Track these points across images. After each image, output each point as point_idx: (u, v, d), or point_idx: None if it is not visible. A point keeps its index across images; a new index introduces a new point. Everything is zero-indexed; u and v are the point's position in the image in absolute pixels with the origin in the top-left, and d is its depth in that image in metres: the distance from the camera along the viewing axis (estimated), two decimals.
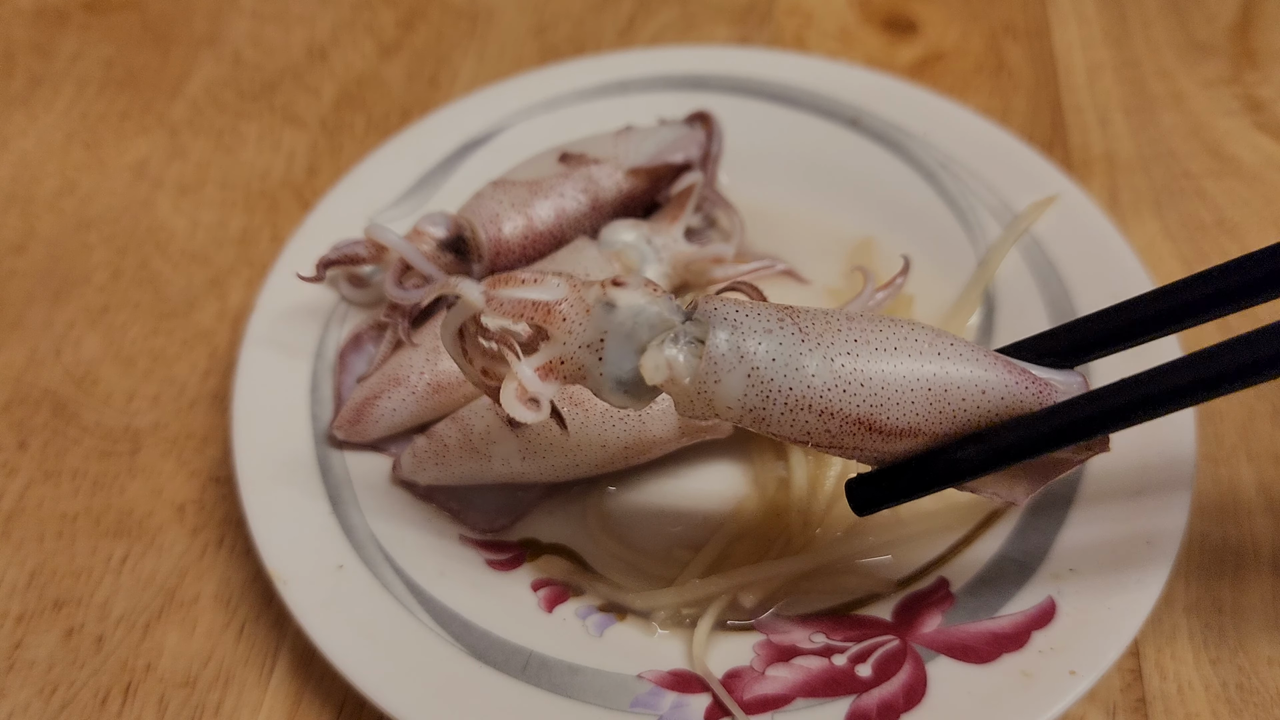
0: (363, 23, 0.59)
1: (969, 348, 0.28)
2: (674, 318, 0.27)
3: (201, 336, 0.45)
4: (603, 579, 0.36)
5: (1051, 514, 0.35)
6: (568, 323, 0.27)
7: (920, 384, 0.27)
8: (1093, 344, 0.29)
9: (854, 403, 0.27)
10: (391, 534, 0.36)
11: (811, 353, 0.27)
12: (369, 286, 0.42)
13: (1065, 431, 0.27)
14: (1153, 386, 0.26)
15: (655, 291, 0.27)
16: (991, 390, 0.28)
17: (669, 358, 0.27)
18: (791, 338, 0.27)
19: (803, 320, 0.28)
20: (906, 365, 0.27)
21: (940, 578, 0.35)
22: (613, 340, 0.27)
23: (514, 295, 0.27)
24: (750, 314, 0.27)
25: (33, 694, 0.35)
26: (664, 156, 0.43)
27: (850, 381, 0.27)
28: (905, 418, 0.28)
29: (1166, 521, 0.33)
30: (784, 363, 0.27)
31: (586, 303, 0.27)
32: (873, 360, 0.27)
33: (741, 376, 0.27)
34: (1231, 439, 0.39)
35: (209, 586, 0.37)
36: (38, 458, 0.41)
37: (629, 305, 0.27)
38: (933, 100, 0.47)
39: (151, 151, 0.52)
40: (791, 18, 0.58)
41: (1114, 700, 0.34)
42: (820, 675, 0.32)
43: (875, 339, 0.28)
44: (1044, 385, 0.28)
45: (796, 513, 0.37)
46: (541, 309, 0.27)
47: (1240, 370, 0.25)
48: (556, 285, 0.27)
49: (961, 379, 0.28)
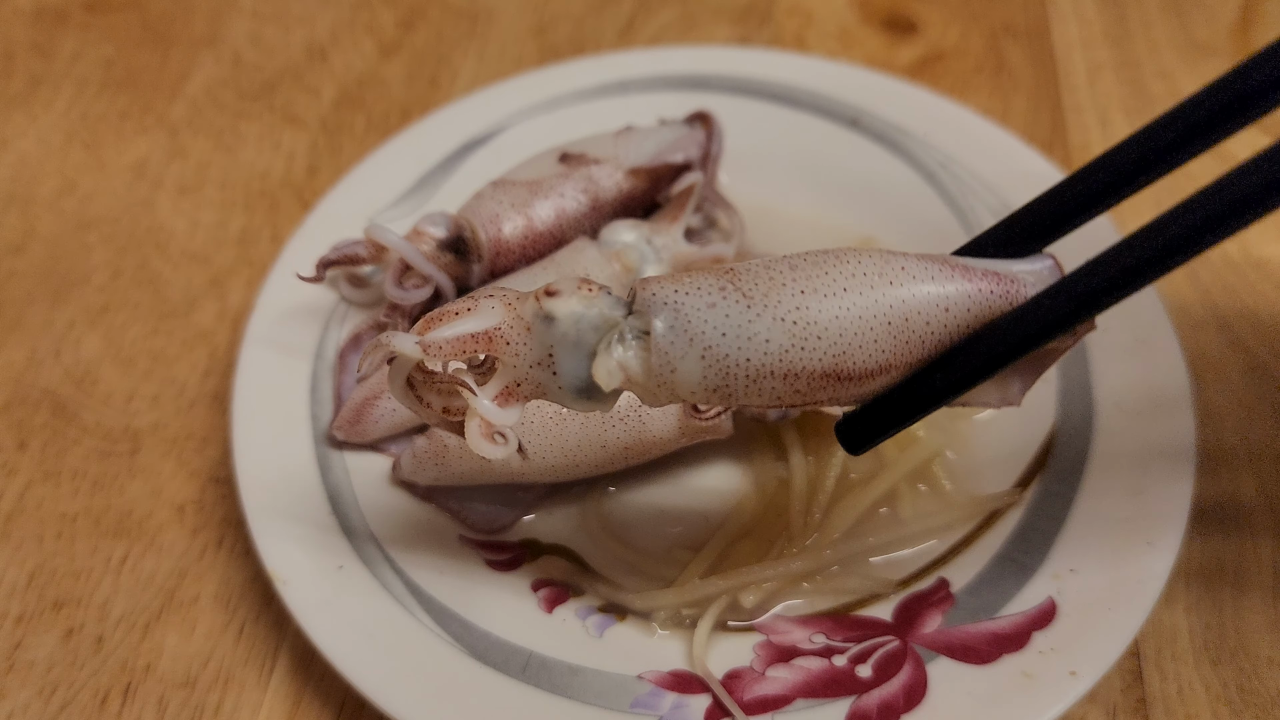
0: (362, 23, 0.59)
1: (922, 265, 0.27)
2: (616, 314, 0.26)
3: (201, 337, 0.45)
4: (603, 579, 0.36)
5: (1052, 514, 0.35)
6: (512, 346, 0.26)
7: (879, 319, 0.26)
8: (1058, 220, 0.27)
9: (816, 357, 0.26)
10: (391, 534, 0.36)
11: (760, 317, 0.25)
12: (369, 286, 0.42)
13: (1042, 329, 0.26)
14: (1122, 259, 0.24)
15: (592, 291, 0.26)
16: (955, 305, 0.26)
17: (619, 360, 0.25)
18: (736, 306, 0.25)
19: (745, 282, 0.26)
20: (860, 303, 0.26)
21: (940, 578, 0.35)
22: (561, 352, 0.26)
23: (450, 334, 0.25)
24: (689, 290, 0.26)
25: (32, 694, 0.35)
26: (664, 156, 0.43)
27: (807, 337, 0.25)
28: (872, 357, 0.26)
29: (1167, 522, 0.33)
30: (735, 335, 0.25)
31: (525, 320, 0.26)
32: (824, 307, 0.26)
33: (695, 360, 0.25)
34: (1231, 439, 0.39)
35: (209, 587, 0.37)
36: (37, 458, 0.41)
37: (568, 314, 0.25)
38: (933, 100, 0.47)
39: (151, 152, 0.52)
40: (791, 18, 0.58)
41: (1114, 701, 0.33)
42: (820, 676, 0.32)
43: (822, 284, 0.26)
44: (1010, 282, 0.27)
45: (797, 513, 0.37)
46: (482, 339, 0.26)
47: (1225, 212, 0.23)
48: (490, 309, 0.26)
49: (920, 302, 0.26)
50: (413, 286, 0.40)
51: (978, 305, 0.26)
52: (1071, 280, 0.25)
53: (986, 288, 0.27)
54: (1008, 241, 0.28)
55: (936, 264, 0.27)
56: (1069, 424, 0.37)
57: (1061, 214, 0.27)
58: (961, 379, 0.27)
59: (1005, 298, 0.27)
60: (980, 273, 0.27)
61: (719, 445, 0.38)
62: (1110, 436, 0.36)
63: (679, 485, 0.38)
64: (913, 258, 0.27)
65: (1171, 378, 0.37)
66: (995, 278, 0.27)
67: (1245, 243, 0.46)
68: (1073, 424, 0.37)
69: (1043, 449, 0.37)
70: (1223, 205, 0.23)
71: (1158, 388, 0.37)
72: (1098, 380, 0.38)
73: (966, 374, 0.27)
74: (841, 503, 0.37)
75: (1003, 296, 0.27)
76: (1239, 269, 0.45)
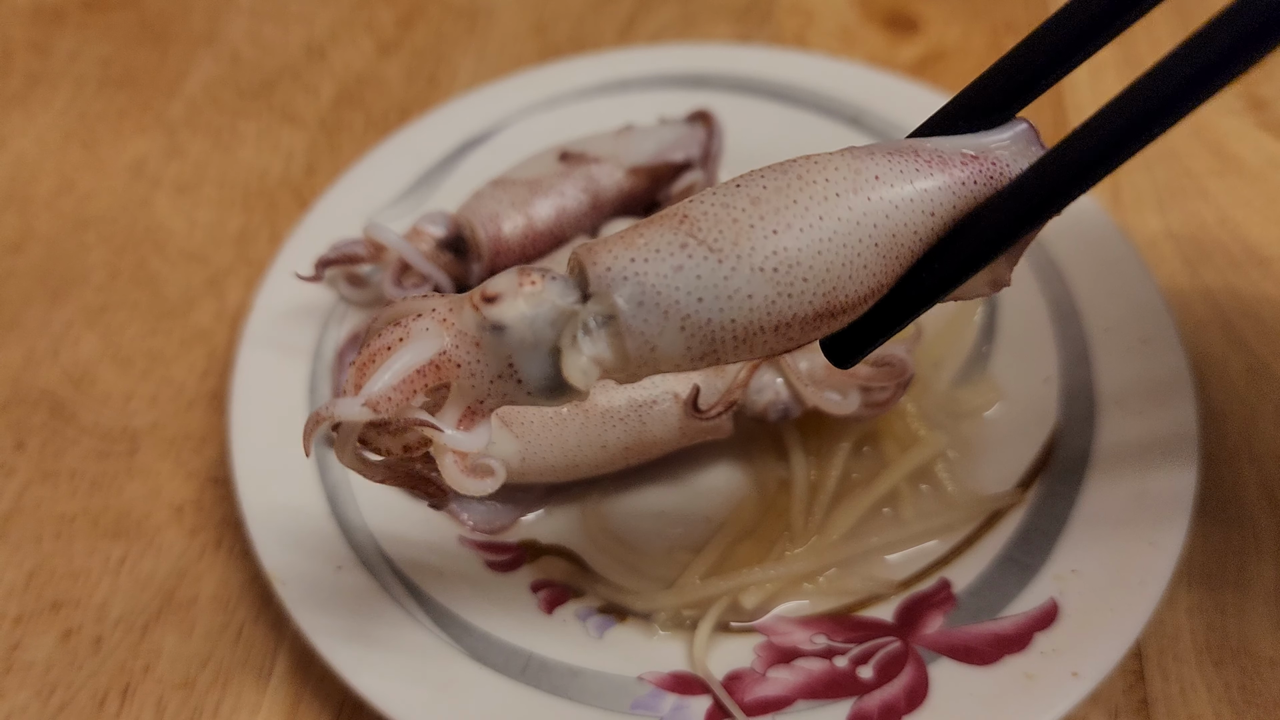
0: (362, 21, 0.59)
1: (895, 166, 0.24)
2: (570, 303, 0.23)
3: (200, 336, 0.44)
4: (603, 580, 0.36)
5: (1054, 515, 0.35)
6: (465, 367, 0.23)
7: (864, 243, 0.23)
8: (1030, 79, 0.24)
9: (805, 300, 0.23)
10: (390, 535, 0.36)
11: (736, 271, 0.23)
12: (368, 286, 0.42)
13: (1035, 209, 0.23)
14: (1120, 114, 0.21)
15: (535, 283, 0.23)
16: (940, 205, 0.24)
17: (591, 356, 0.23)
18: (706, 263, 0.23)
19: (706, 231, 0.23)
20: (840, 230, 0.23)
21: (942, 579, 0.34)
22: (521, 359, 0.23)
23: (393, 379, 0.23)
24: (647, 255, 0.23)
25: (31, 695, 0.35)
26: (665, 155, 0.42)
27: (792, 281, 0.23)
28: (864, 283, 0.24)
29: (1169, 522, 0.33)
30: (713, 297, 0.23)
31: (470, 334, 0.23)
32: (803, 244, 0.23)
33: (675, 332, 0.23)
34: (1234, 439, 0.39)
35: (207, 588, 0.37)
36: (35, 458, 0.41)
37: (517, 318, 0.23)
38: (934, 99, 0.47)
39: (149, 151, 0.52)
40: (792, 16, 0.58)
41: (1116, 702, 0.33)
42: (822, 677, 0.32)
43: (794, 216, 0.23)
44: (990, 163, 0.24)
45: (798, 513, 0.36)
46: (430, 371, 0.23)
47: (1219, 60, 0.21)
48: (425, 332, 0.23)
49: (904, 214, 0.24)
50: (412, 286, 0.40)
51: (961, 198, 0.24)
52: (1064, 148, 0.22)
53: (968, 175, 0.24)
54: (972, 112, 0.25)
55: (909, 158, 0.24)
56: (1071, 424, 0.37)
57: (1030, 72, 0.24)
58: (951, 275, 0.25)
59: (988, 182, 0.24)
60: (958, 159, 0.24)
61: (719, 445, 0.38)
62: (1112, 437, 0.36)
63: (679, 486, 0.38)
64: (881, 157, 0.24)
65: (1174, 378, 0.37)
66: (974, 162, 0.24)
67: (1248, 242, 0.46)
68: (1075, 424, 0.37)
69: (1045, 449, 0.37)
70: (1233, 37, 0.20)
71: (1160, 388, 0.37)
72: (1100, 380, 0.38)
73: (956, 269, 0.24)
74: (843, 503, 0.37)
75: (985, 181, 0.24)
76: (1242, 268, 0.45)
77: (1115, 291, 0.39)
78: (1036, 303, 0.41)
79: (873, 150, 0.25)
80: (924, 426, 0.38)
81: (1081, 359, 0.39)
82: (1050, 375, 0.39)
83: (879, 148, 0.25)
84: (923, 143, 0.25)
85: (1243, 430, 0.40)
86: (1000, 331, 0.41)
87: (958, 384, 0.40)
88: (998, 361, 0.40)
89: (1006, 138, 0.25)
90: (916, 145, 0.25)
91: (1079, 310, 0.40)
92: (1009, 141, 0.25)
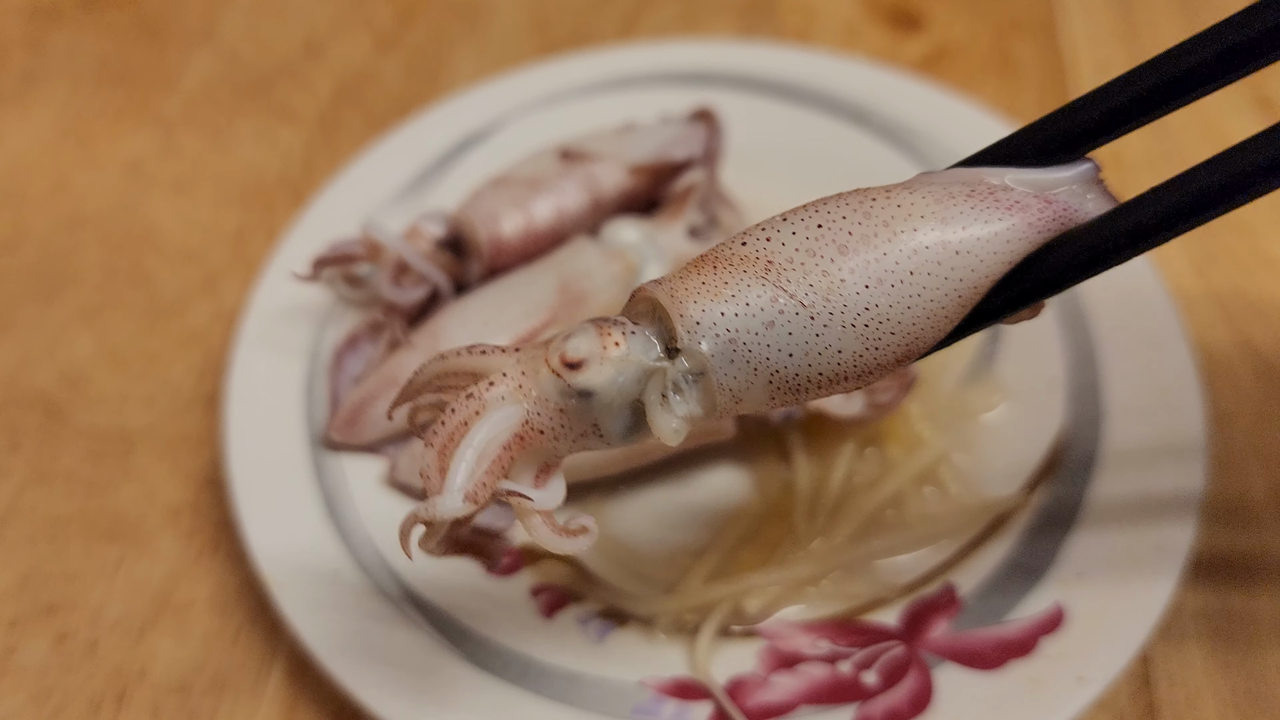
0: (360, 18, 0.58)
1: (977, 209, 0.24)
2: (655, 359, 0.23)
3: (196, 337, 0.44)
4: (603, 584, 0.35)
5: (1060, 518, 0.35)
6: (547, 434, 0.23)
7: (950, 296, 0.24)
8: (1097, 128, 0.25)
9: (889, 351, 0.23)
10: (388, 537, 0.35)
11: (828, 328, 0.23)
12: (365, 286, 0.42)
13: (1093, 264, 0.24)
14: (1188, 187, 0.23)
15: (618, 344, 0.23)
16: (1015, 253, 0.24)
17: (684, 416, 0.23)
18: (798, 319, 0.23)
19: (795, 284, 0.23)
20: (931, 285, 0.23)
21: (947, 583, 0.34)
22: (605, 418, 0.23)
23: (482, 463, 0.22)
24: (739, 311, 0.23)
25: (25, 700, 0.34)
26: (666, 153, 0.42)
27: (880, 335, 0.23)
28: (942, 329, 0.24)
29: (1176, 526, 0.33)
30: (803, 353, 0.23)
31: (552, 401, 0.23)
32: (894, 300, 0.23)
33: (763, 385, 0.23)
34: (1242, 441, 0.39)
35: (203, 591, 0.37)
36: (30, 460, 0.40)
37: (606, 384, 0.23)
38: (939, 97, 0.47)
39: (146, 149, 0.52)
40: (795, 13, 0.58)
41: (1122, 707, 0.33)
42: (825, 682, 0.32)
43: (887, 272, 0.23)
44: (1063, 208, 0.24)
45: (801, 517, 0.36)
46: (515, 445, 0.23)
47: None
48: (501, 401, 0.23)
49: (988, 266, 0.24)
50: (410, 286, 0.40)
51: (1033, 242, 0.24)
52: (1135, 206, 0.23)
53: (1042, 220, 0.24)
54: (1040, 146, 0.25)
55: (989, 203, 0.24)
56: (1077, 426, 0.37)
57: (1108, 117, 0.24)
58: (1002, 309, 0.25)
59: (1057, 225, 0.24)
60: (1035, 204, 0.24)
61: (721, 448, 0.38)
62: (1119, 439, 0.36)
63: (681, 488, 0.38)
64: (964, 202, 0.24)
65: (1181, 379, 0.37)
66: (1049, 207, 0.24)
67: (1256, 242, 0.45)
68: (1081, 426, 0.37)
69: (1050, 451, 0.37)
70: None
71: (1167, 389, 0.37)
72: (1106, 382, 0.38)
73: (1009, 304, 0.25)
74: (846, 506, 0.36)
75: (1055, 224, 0.24)
76: (1249, 269, 0.45)
77: (1122, 293, 0.39)
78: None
79: (952, 190, 0.24)
80: (928, 428, 0.38)
81: (1088, 361, 0.38)
82: (1056, 377, 0.38)
83: (957, 183, 0.25)
84: (999, 179, 0.25)
85: (1251, 432, 0.39)
86: (1005, 332, 0.41)
87: (962, 385, 0.40)
88: (1003, 363, 0.40)
89: (1072, 175, 0.25)
90: (993, 184, 0.25)
91: (1085, 311, 0.39)
92: (1074, 180, 0.25)
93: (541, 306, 0.38)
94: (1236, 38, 0.23)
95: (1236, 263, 0.45)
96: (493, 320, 0.38)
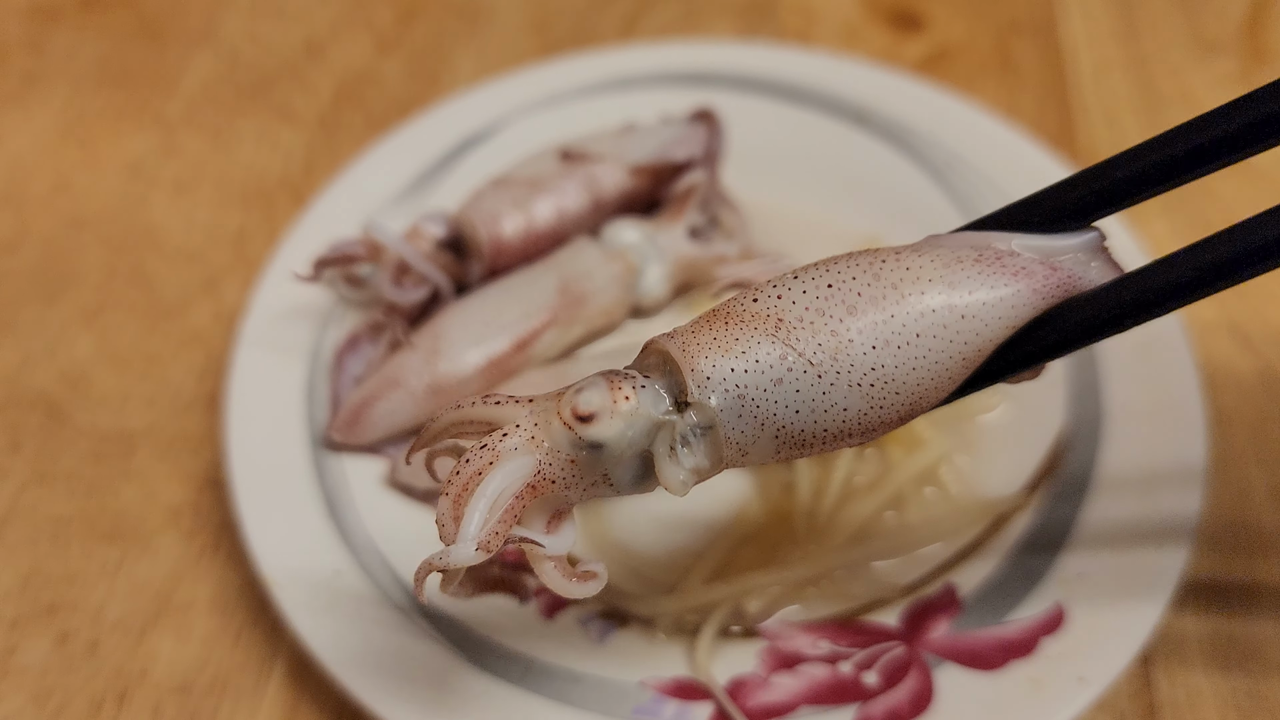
0: (361, 19, 0.58)
1: (984, 275, 0.25)
2: (664, 413, 0.24)
3: (197, 337, 0.44)
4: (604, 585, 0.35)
5: (1060, 518, 0.35)
6: (558, 484, 0.24)
7: (955, 359, 0.24)
8: (1108, 197, 0.25)
9: (893, 410, 0.24)
10: (389, 538, 0.35)
11: (834, 386, 0.24)
12: (366, 286, 0.42)
13: (1095, 331, 0.25)
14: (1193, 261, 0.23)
15: (628, 399, 0.23)
16: (1020, 319, 0.25)
17: (691, 469, 0.24)
18: (805, 378, 0.24)
19: (804, 343, 0.24)
20: (936, 349, 0.24)
21: (947, 583, 0.34)
22: (615, 469, 0.24)
23: (494, 513, 0.23)
24: (748, 367, 0.23)
25: (26, 700, 0.34)
26: (666, 154, 0.42)
27: (885, 395, 0.24)
28: (945, 390, 0.25)
29: (1176, 526, 0.33)
30: (809, 410, 0.24)
31: (563, 452, 0.24)
32: (900, 362, 0.24)
33: (769, 440, 0.24)
34: (1242, 442, 0.39)
35: (204, 591, 0.37)
36: (31, 460, 0.40)
37: (616, 437, 0.23)
38: (939, 97, 0.47)
39: (146, 149, 0.52)
40: (796, 14, 0.58)
41: (1122, 707, 0.33)
42: (826, 683, 0.32)
43: (894, 334, 0.24)
44: (1068, 276, 0.25)
45: (801, 517, 0.36)
46: (527, 494, 0.24)
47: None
48: (513, 451, 0.23)
49: (993, 331, 0.25)
50: (411, 286, 0.40)
51: (1037, 308, 0.25)
52: (1139, 277, 0.24)
53: (1047, 287, 0.25)
54: (1048, 213, 0.26)
55: (996, 269, 0.25)
56: (1078, 427, 0.37)
57: (1115, 190, 0.25)
58: (1004, 370, 0.26)
59: (1061, 291, 0.25)
60: (1041, 271, 0.25)
61: None
62: (1119, 440, 0.36)
63: None
64: (971, 266, 0.25)
65: (1181, 380, 0.37)
66: (1055, 274, 0.25)
67: None
68: (1081, 427, 0.37)
69: (1051, 453, 0.37)
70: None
71: (1167, 390, 0.37)
72: (1107, 383, 0.38)
73: (1009, 366, 0.26)
74: (846, 507, 0.36)
75: (1059, 291, 0.25)
76: None
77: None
78: None
79: (960, 255, 0.25)
80: (929, 429, 0.38)
81: (1088, 362, 0.38)
82: (1056, 377, 0.38)
83: (965, 247, 0.25)
84: (1006, 244, 0.25)
85: (1251, 433, 0.39)
86: None
87: None
88: None
89: (1078, 244, 0.25)
90: (1000, 249, 0.25)
91: None
92: (1080, 248, 0.25)
93: (542, 307, 0.38)
94: (1252, 115, 0.24)
95: None
96: (493, 320, 0.38)
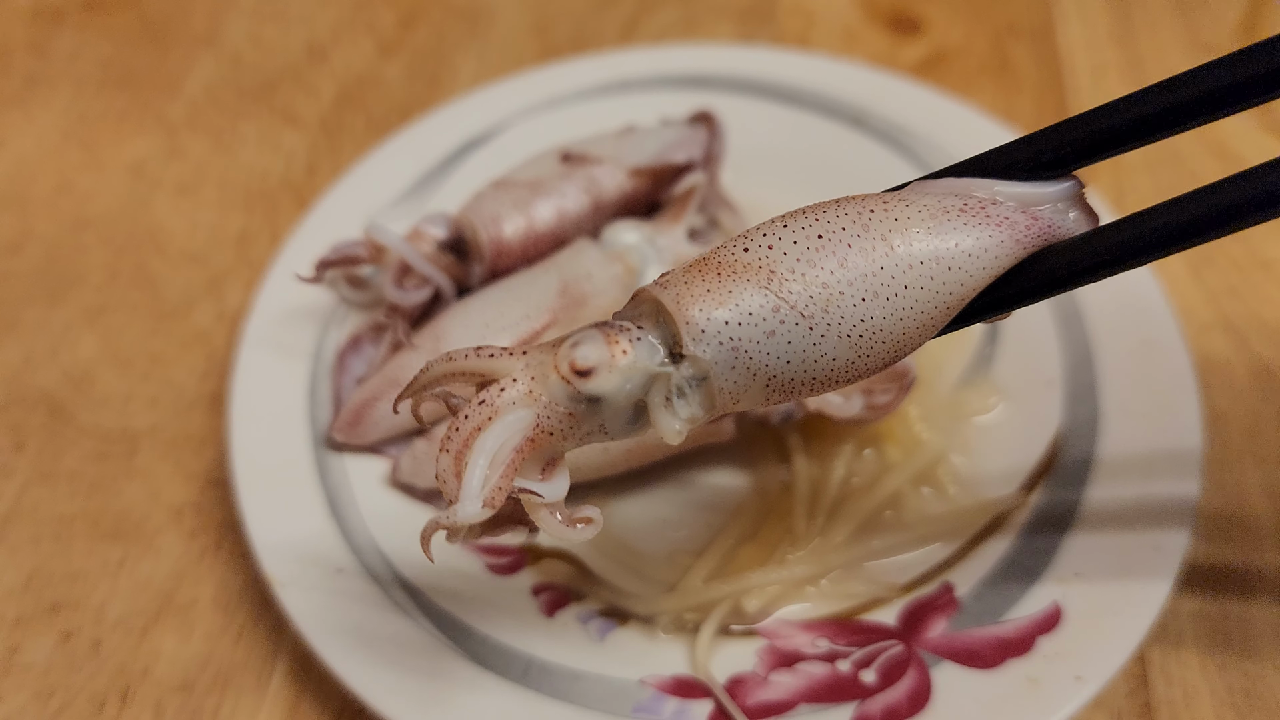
0: (363, 22, 0.58)
1: (970, 224, 0.25)
2: (659, 364, 0.24)
3: (199, 338, 0.44)
4: (604, 583, 0.36)
5: (1057, 518, 0.35)
6: (556, 435, 0.24)
7: (939, 308, 0.25)
8: (1088, 147, 0.26)
9: (879, 358, 0.25)
10: (390, 537, 0.36)
11: (825, 338, 0.24)
12: (368, 288, 0.42)
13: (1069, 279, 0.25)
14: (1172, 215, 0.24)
15: (625, 353, 0.24)
16: (1001, 266, 0.25)
17: (687, 419, 0.24)
18: (797, 329, 0.24)
19: (795, 294, 0.24)
20: (923, 299, 0.25)
21: (945, 582, 0.34)
22: (611, 418, 0.24)
23: (496, 468, 0.23)
24: (741, 319, 0.24)
25: (29, 698, 0.34)
26: (666, 156, 0.42)
27: (872, 345, 0.24)
28: (927, 337, 0.25)
29: (1172, 526, 0.33)
30: (800, 359, 0.24)
31: (561, 406, 0.24)
32: (888, 313, 0.24)
33: (760, 388, 0.24)
34: (1238, 442, 0.39)
35: (207, 590, 0.37)
36: (34, 460, 0.41)
37: (614, 390, 0.24)
38: (937, 100, 0.47)
39: (149, 151, 0.52)
40: (794, 17, 0.58)
41: (1119, 706, 0.33)
42: (824, 681, 0.32)
43: (882, 286, 0.24)
44: (1048, 225, 0.25)
45: (800, 517, 0.36)
46: (527, 448, 0.24)
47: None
48: (511, 404, 0.24)
49: (976, 280, 0.25)
50: (413, 288, 0.40)
51: (1016, 256, 0.26)
52: (1117, 228, 0.25)
53: (1028, 235, 0.25)
54: (1032, 160, 0.26)
55: (981, 218, 0.25)
56: (1074, 427, 0.37)
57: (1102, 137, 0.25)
58: (976, 314, 0.26)
59: (1040, 239, 0.25)
60: (1023, 220, 0.25)
61: (721, 448, 0.38)
62: (1116, 440, 0.36)
63: (681, 488, 0.38)
64: (957, 216, 0.25)
65: (1177, 380, 0.37)
66: (1035, 223, 0.25)
67: (1251, 245, 0.46)
68: (1078, 427, 0.37)
69: (1048, 452, 0.37)
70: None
71: (1163, 390, 0.37)
72: (1103, 383, 0.38)
73: (984, 310, 0.26)
74: (845, 506, 0.36)
75: (1039, 239, 0.25)
76: (1245, 271, 0.45)
77: (1118, 294, 0.39)
78: (1039, 305, 0.40)
79: (946, 204, 0.25)
80: (926, 429, 0.38)
81: (1085, 362, 0.39)
82: (1053, 378, 0.39)
83: (950, 195, 0.26)
84: (989, 191, 0.26)
85: (1246, 433, 0.39)
86: (1003, 334, 0.41)
87: (960, 386, 0.40)
88: (1000, 364, 0.40)
89: (1057, 192, 0.26)
90: (982, 197, 0.26)
91: (1082, 313, 0.40)
92: (1059, 197, 0.26)
93: (543, 308, 0.39)
94: (1239, 74, 0.24)
95: (1233, 264, 0.45)
96: (494, 322, 0.39)
